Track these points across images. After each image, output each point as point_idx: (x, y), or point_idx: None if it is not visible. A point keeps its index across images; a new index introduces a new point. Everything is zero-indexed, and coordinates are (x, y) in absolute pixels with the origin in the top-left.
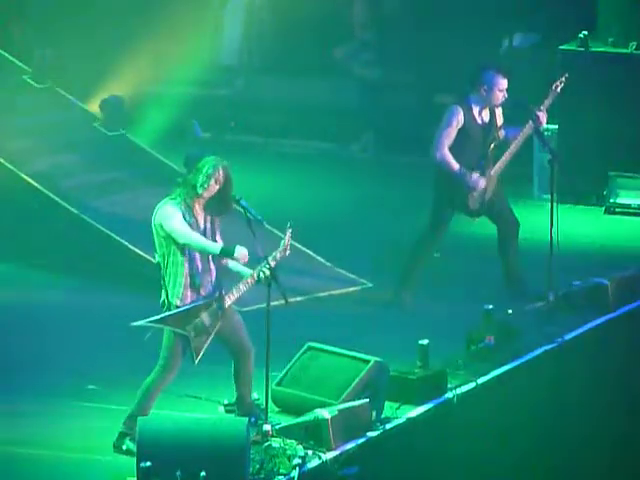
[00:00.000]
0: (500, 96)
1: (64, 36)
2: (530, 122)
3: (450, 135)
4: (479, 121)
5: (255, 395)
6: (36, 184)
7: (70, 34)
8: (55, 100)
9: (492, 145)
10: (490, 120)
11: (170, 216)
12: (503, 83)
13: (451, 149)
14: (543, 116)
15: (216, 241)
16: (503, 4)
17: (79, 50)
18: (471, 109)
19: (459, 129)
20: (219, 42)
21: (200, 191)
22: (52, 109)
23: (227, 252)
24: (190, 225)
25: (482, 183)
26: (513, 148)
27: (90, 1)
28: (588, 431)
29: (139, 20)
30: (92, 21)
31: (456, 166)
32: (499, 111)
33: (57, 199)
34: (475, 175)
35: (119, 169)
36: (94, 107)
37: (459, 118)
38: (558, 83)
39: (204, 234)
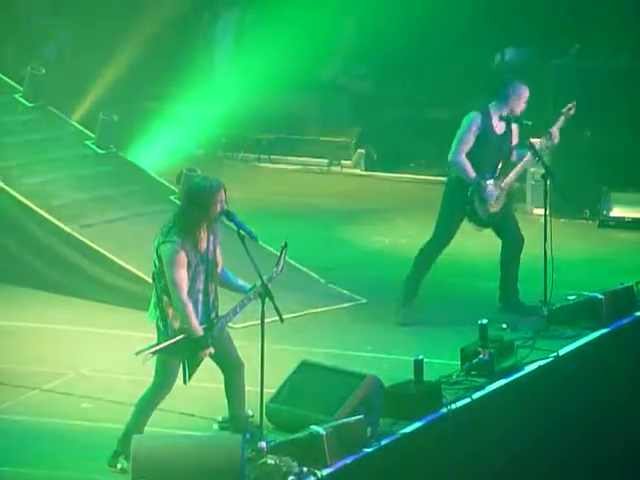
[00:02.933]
0: (523, 106)
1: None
2: (547, 137)
3: (468, 141)
4: (497, 130)
5: (249, 412)
6: (27, 202)
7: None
8: (47, 118)
9: (500, 163)
10: (505, 132)
11: (172, 263)
12: (527, 94)
13: (467, 155)
14: (556, 135)
15: (216, 260)
16: (495, 19)
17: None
18: (490, 118)
19: (476, 136)
20: (210, 59)
21: (206, 221)
22: (43, 127)
23: (200, 342)
24: (189, 263)
25: (495, 194)
26: (520, 168)
27: (81, 20)
28: (582, 446)
29: (130, 39)
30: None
31: (472, 174)
32: (516, 129)
33: (49, 217)
34: (490, 186)
35: (111, 187)
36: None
37: (478, 125)
38: (568, 108)
39: (206, 257)
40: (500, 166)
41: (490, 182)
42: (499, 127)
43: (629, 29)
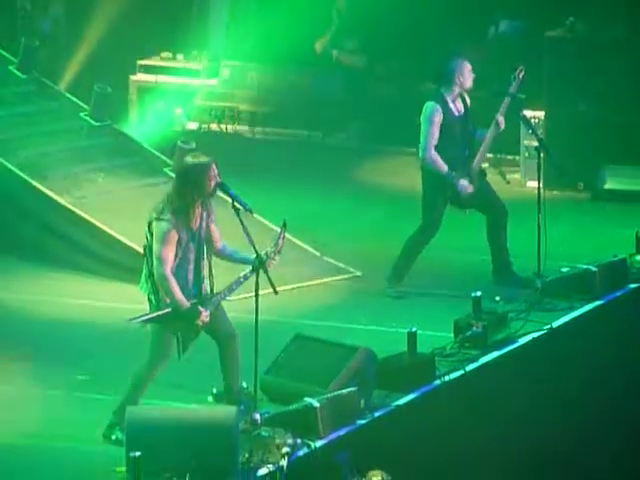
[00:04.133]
0: (471, 77)
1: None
2: (494, 123)
3: (435, 134)
4: (456, 112)
5: (244, 384)
6: (22, 174)
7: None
8: (41, 90)
9: (468, 140)
10: (464, 108)
11: (162, 240)
12: (468, 66)
13: (436, 145)
14: (502, 121)
15: (209, 237)
16: None
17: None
18: (446, 102)
19: (440, 125)
20: (205, 30)
21: (201, 198)
22: (38, 99)
23: (189, 314)
24: (180, 240)
25: (470, 189)
26: (485, 145)
27: None
28: (575, 417)
29: (124, 9)
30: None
31: (444, 167)
32: (468, 98)
33: (43, 189)
34: (464, 181)
35: (106, 159)
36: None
37: (438, 115)
38: (519, 71)
39: (198, 234)
40: (468, 146)
41: (464, 180)
42: (457, 109)
43: (624, 1)
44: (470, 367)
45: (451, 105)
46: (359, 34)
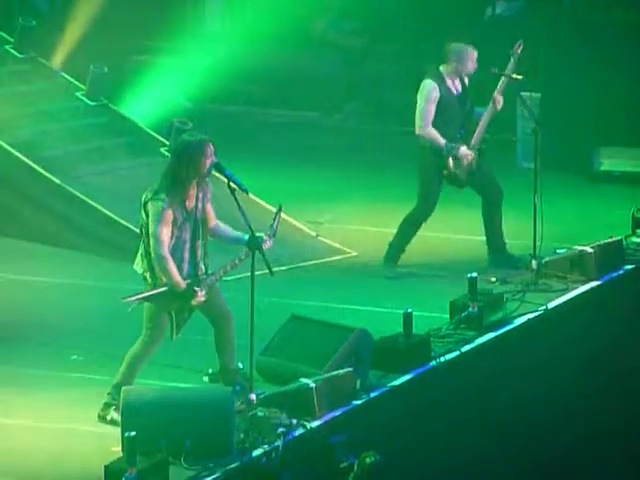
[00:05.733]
0: (470, 66)
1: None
2: (492, 102)
3: (431, 111)
4: (454, 91)
5: (239, 364)
6: (17, 153)
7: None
8: (37, 70)
9: (465, 121)
10: (463, 89)
11: (157, 219)
12: (473, 53)
13: (432, 123)
14: (500, 100)
15: (205, 217)
16: None
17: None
18: (445, 81)
19: (437, 103)
20: (201, 11)
21: (197, 177)
22: (34, 79)
23: (185, 295)
24: (175, 220)
25: (470, 154)
26: (483, 124)
27: None
28: (572, 399)
29: None
30: None
31: (442, 140)
32: (466, 78)
33: (39, 169)
34: (463, 147)
35: (102, 139)
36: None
37: (436, 93)
38: (517, 46)
39: (193, 214)
40: (466, 124)
41: (463, 145)
42: (455, 87)
43: None
44: (466, 348)
45: (449, 84)
46: (357, 15)
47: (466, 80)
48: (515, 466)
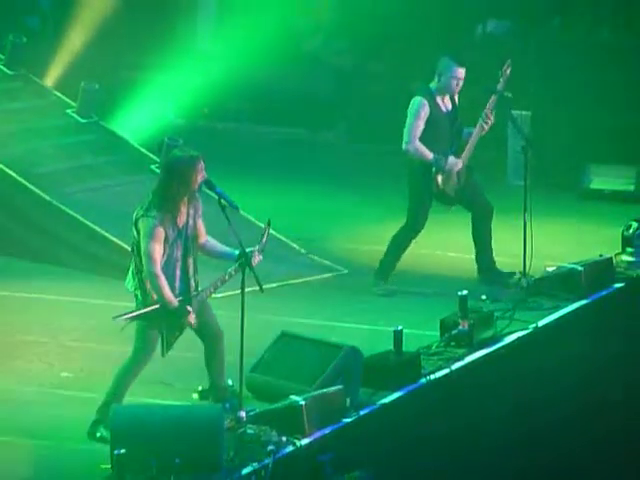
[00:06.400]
0: (454, 84)
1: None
2: (481, 122)
3: (419, 127)
4: (443, 109)
5: (229, 381)
6: (8, 170)
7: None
8: (28, 86)
9: (454, 139)
10: (453, 107)
11: (148, 236)
12: (459, 72)
13: (421, 140)
14: (490, 118)
15: (195, 234)
16: None
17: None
18: (434, 98)
19: (426, 120)
20: (193, 29)
21: (187, 194)
22: (25, 96)
23: (177, 313)
24: (167, 237)
25: (460, 163)
26: (472, 142)
27: None
28: (562, 414)
29: (113, 6)
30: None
31: (430, 154)
32: (456, 96)
33: (30, 186)
34: (451, 157)
35: (93, 156)
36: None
37: (425, 109)
38: (506, 67)
39: (184, 231)
40: (454, 143)
41: (451, 155)
42: (445, 105)
43: (610, 3)
44: (456, 366)
45: (439, 101)
46: (348, 34)
47: (456, 98)
48: None
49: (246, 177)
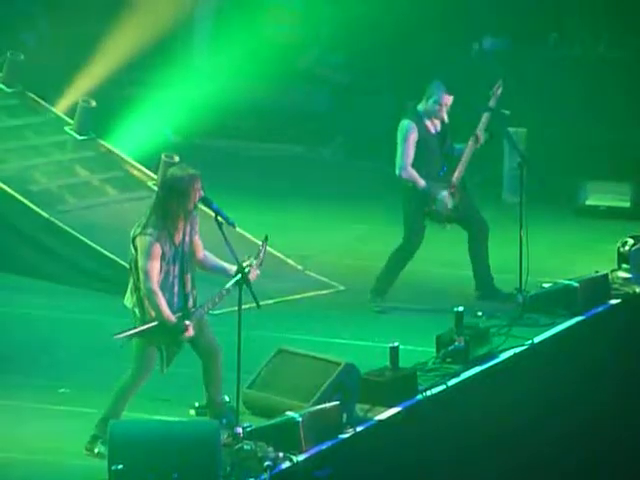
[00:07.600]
0: (438, 109)
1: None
2: (474, 138)
3: (410, 153)
4: (432, 130)
5: (226, 397)
6: (6, 187)
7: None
8: (25, 104)
9: (446, 158)
10: (442, 126)
11: (146, 254)
12: (445, 98)
13: (413, 163)
14: (481, 136)
15: (192, 251)
16: (473, 7)
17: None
18: (423, 120)
19: (416, 143)
20: (189, 43)
21: (185, 211)
22: (22, 113)
23: (175, 329)
24: (164, 255)
25: (450, 202)
26: (464, 160)
27: (60, 3)
28: (557, 433)
29: (108, 21)
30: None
31: (422, 183)
32: (446, 116)
33: (27, 202)
34: (444, 193)
35: (90, 173)
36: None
37: (414, 134)
38: (497, 87)
39: (181, 249)
40: (445, 162)
41: (444, 191)
42: (434, 126)
43: (606, 19)
44: (452, 382)
45: (428, 123)
46: (344, 50)
47: (445, 118)
48: None
49: (242, 194)
